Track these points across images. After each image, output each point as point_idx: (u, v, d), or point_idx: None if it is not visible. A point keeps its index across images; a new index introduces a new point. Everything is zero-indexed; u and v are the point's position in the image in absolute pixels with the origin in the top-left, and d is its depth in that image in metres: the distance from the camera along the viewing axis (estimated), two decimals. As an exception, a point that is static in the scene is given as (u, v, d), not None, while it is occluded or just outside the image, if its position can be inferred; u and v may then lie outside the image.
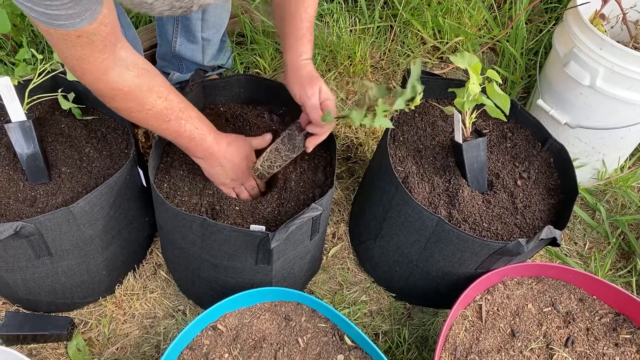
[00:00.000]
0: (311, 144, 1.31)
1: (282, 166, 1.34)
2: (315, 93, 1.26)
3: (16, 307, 1.48)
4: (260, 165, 1.32)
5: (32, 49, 1.40)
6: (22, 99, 1.33)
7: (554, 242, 1.29)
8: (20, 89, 1.36)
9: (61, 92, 1.41)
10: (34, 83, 1.37)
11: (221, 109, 1.50)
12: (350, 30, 2.09)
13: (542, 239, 1.24)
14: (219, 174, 1.30)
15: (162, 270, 1.58)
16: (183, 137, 1.21)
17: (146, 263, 1.60)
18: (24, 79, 1.42)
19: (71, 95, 1.42)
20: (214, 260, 1.30)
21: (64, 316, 1.47)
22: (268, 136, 1.38)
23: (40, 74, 1.37)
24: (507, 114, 1.33)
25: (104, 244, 1.37)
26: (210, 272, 1.35)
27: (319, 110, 1.26)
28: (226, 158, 1.27)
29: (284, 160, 1.33)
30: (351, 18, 2.13)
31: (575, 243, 1.80)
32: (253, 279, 1.35)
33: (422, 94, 1.20)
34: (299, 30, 1.28)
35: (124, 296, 1.53)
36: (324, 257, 1.67)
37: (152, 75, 1.13)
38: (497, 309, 1.37)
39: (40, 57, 1.35)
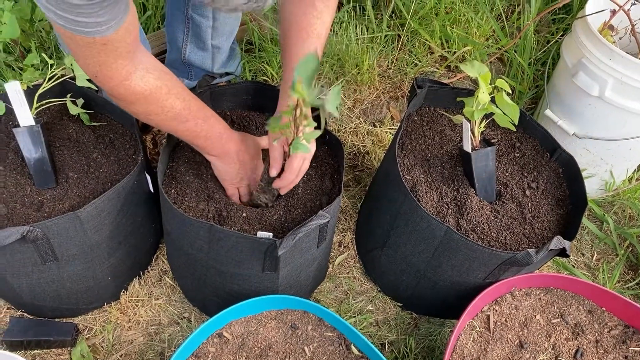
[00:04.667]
0: (283, 191, 1.34)
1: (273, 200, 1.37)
2: (296, 167, 1.27)
3: (20, 313, 1.47)
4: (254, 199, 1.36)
5: (42, 54, 1.40)
6: (30, 104, 1.33)
7: (562, 252, 1.28)
8: (29, 93, 1.36)
9: (70, 97, 1.41)
10: (43, 88, 1.38)
11: (227, 114, 1.50)
12: (358, 39, 2.09)
13: (551, 249, 1.23)
14: (231, 171, 1.30)
15: (168, 277, 1.58)
16: (200, 136, 1.22)
17: (151, 269, 1.59)
18: (32, 83, 1.42)
19: (80, 101, 1.43)
20: (221, 266, 1.29)
21: (69, 322, 1.46)
22: None
23: (49, 79, 1.37)
24: (517, 123, 1.32)
25: (110, 250, 1.37)
26: (217, 278, 1.34)
27: (279, 164, 1.29)
28: (239, 156, 1.28)
29: (271, 199, 1.36)
30: (359, 27, 2.13)
31: (583, 254, 1.79)
32: (259, 286, 1.34)
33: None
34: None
35: (129, 302, 1.52)
36: (330, 266, 1.66)
37: (170, 77, 1.14)
38: (505, 320, 1.36)
39: (50, 62, 1.35)
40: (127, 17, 0.97)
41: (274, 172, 1.29)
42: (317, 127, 1.08)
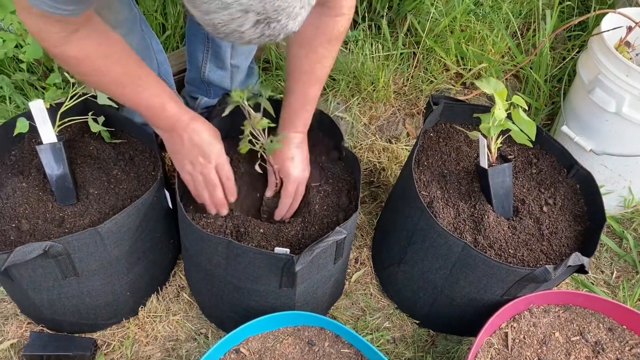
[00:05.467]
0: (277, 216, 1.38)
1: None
2: (292, 191, 1.35)
3: (40, 328, 1.49)
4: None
5: (65, 73, 1.43)
6: (53, 122, 1.36)
7: (581, 269, 1.27)
8: (52, 111, 1.38)
9: (91, 115, 1.44)
10: (66, 106, 1.40)
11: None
12: (374, 57, 2.11)
13: (569, 265, 1.23)
14: (177, 151, 1.26)
15: (185, 293, 1.59)
16: (141, 105, 1.21)
17: (169, 285, 1.60)
18: (55, 102, 1.45)
19: (101, 119, 1.45)
20: (238, 282, 1.30)
21: (88, 337, 1.48)
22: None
23: (72, 98, 1.39)
24: (533, 139, 1.33)
25: (129, 265, 1.38)
26: (234, 294, 1.35)
27: (287, 206, 1.36)
28: (187, 133, 1.22)
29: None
30: (375, 45, 2.15)
31: (602, 271, 1.77)
32: (276, 302, 1.34)
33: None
34: (311, 96, 1.33)
35: (147, 318, 1.53)
36: (347, 282, 1.66)
37: (112, 43, 1.14)
38: (524, 337, 1.35)
39: (73, 81, 1.38)
40: (91, 6, 1.01)
41: (269, 193, 1.39)
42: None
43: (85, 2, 1.00)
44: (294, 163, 1.34)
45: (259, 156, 1.35)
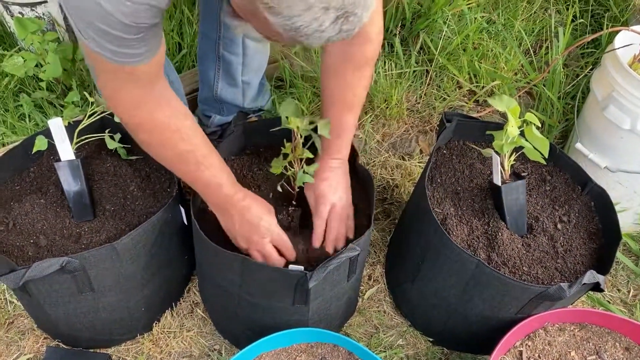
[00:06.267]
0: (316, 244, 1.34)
1: None
2: (324, 212, 1.32)
3: (56, 343, 1.50)
4: None
5: (85, 92, 1.46)
6: (71, 139, 1.38)
7: (596, 287, 1.26)
8: (70, 129, 1.41)
9: (108, 132, 1.46)
10: (83, 124, 1.43)
11: (261, 150, 1.53)
12: (387, 75, 2.13)
13: (584, 283, 1.22)
14: (230, 229, 1.28)
15: (199, 309, 1.60)
16: (199, 182, 1.23)
17: (183, 301, 1.61)
18: (73, 120, 1.48)
19: (117, 136, 1.47)
20: (252, 299, 1.30)
21: (103, 352, 1.49)
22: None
23: (90, 116, 1.42)
24: (547, 157, 1.33)
25: (144, 281, 1.40)
26: (248, 311, 1.36)
27: (322, 230, 1.33)
28: (238, 210, 1.25)
29: None
30: (388, 63, 2.17)
31: (619, 290, 1.75)
32: (290, 319, 1.35)
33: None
34: (345, 123, 1.33)
35: (161, 334, 1.54)
36: (360, 300, 1.66)
37: (182, 118, 1.16)
38: (539, 356, 1.33)
39: (91, 99, 1.40)
40: (160, 49, 1.01)
41: (315, 244, 1.34)
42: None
43: (152, 42, 0.99)
44: (327, 184, 1.34)
45: (284, 178, 1.37)
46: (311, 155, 1.33)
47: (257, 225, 1.25)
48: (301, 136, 1.29)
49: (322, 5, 0.75)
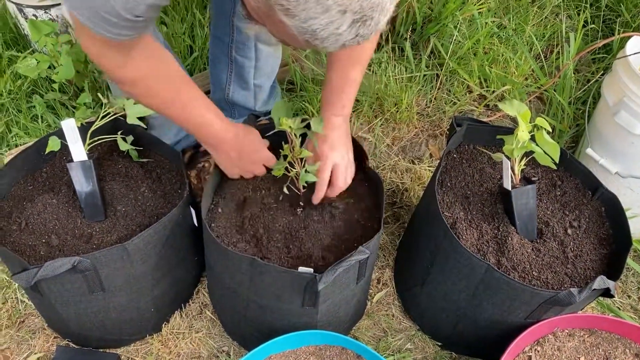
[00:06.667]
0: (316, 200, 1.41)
1: None
2: (325, 173, 1.37)
3: (66, 342, 1.51)
4: None
5: (98, 94, 1.47)
6: (83, 140, 1.39)
7: (607, 293, 1.26)
8: (82, 130, 1.42)
9: (120, 134, 1.47)
10: (96, 125, 1.44)
11: (272, 152, 1.53)
12: (397, 79, 2.13)
13: (594, 289, 1.21)
14: (226, 162, 1.37)
15: (208, 310, 1.60)
16: (190, 122, 1.29)
17: (192, 302, 1.62)
18: (85, 121, 1.49)
19: (129, 138, 1.48)
20: (261, 300, 1.31)
21: (112, 352, 1.50)
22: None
23: (103, 117, 1.43)
24: (557, 161, 1.32)
25: (154, 282, 1.40)
26: (257, 312, 1.36)
27: (323, 190, 1.38)
28: (234, 148, 1.34)
29: None
30: (398, 67, 2.17)
31: (629, 296, 1.74)
32: (298, 321, 1.35)
33: None
34: (350, 77, 1.34)
35: (170, 335, 1.55)
36: (369, 303, 1.66)
37: (167, 64, 1.21)
38: (548, 361, 1.33)
39: (105, 101, 1.42)
40: (148, 31, 1.07)
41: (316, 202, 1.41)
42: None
43: (143, 29, 1.06)
44: (328, 145, 1.37)
45: (289, 180, 1.38)
46: (310, 154, 1.35)
47: (253, 157, 1.38)
48: (297, 136, 1.30)
49: (340, 8, 0.74)
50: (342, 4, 0.74)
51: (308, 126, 1.34)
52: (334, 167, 1.37)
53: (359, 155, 1.49)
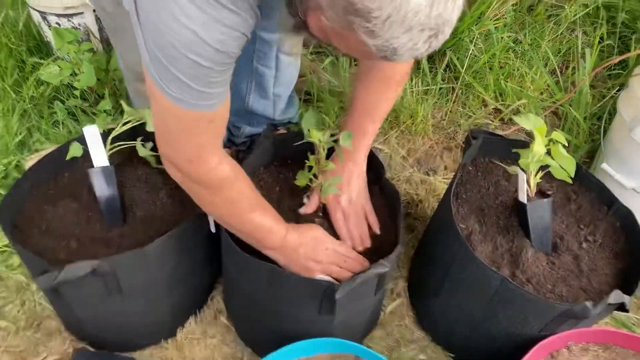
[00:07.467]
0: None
1: None
2: (337, 218, 1.39)
3: (83, 345, 1.53)
4: None
5: (121, 101, 1.50)
6: (104, 146, 1.42)
7: (622, 307, 1.26)
8: (103, 136, 1.44)
9: (140, 140, 1.50)
10: (117, 132, 1.46)
11: (289, 162, 1.55)
12: (413, 91, 2.15)
13: (609, 303, 1.22)
14: (294, 264, 1.28)
15: (223, 317, 1.62)
16: (260, 229, 1.24)
17: (207, 308, 1.63)
18: (107, 127, 1.52)
19: (149, 145, 1.51)
20: (278, 307, 1.32)
21: (128, 356, 1.51)
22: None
23: (124, 124, 1.45)
24: (573, 176, 1.33)
25: (170, 287, 1.42)
26: (272, 319, 1.37)
27: (344, 235, 1.39)
28: (298, 242, 1.28)
29: None
30: (414, 80, 2.19)
31: (644, 312, 1.74)
32: (314, 329, 1.36)
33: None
34: (365, 129, 1.39)
35: (185, 340, 1.56)
36: (382, 313, 1.66)
37: (239, 171, 1.20)
38: (562, 375, 1.33)
39: (126, 108, 1.44)
40: (228, 90, 1.03)
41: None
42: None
43: (227, 78, 1.00)
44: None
45: (309, 190, 1.40)
46: (335, 167, 1.37)
47: (315, 243, 1.29)
48: (324, 149, 1.32)
49: (420, 27, 0.77)
50: (422, 23, 0.77)
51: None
52: (342, 211, 1.40)
53: (376, 167, 1.50)
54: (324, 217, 1.42)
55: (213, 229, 1.46)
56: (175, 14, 0.86)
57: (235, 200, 1.20)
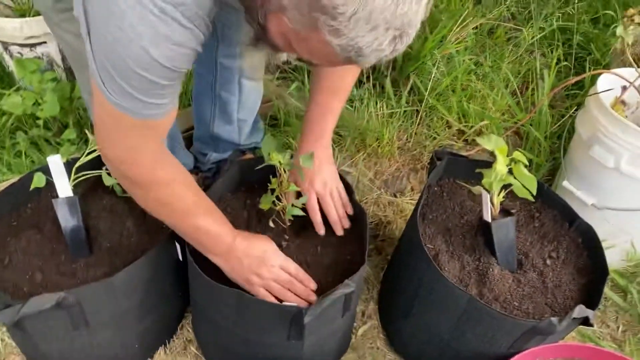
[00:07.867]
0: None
1: None
2: (312, 203, 1.42)
3: (48, 380, 1.49)
4: None
5: (86, 130, 1.49)
6: (68, 176, 1.40)
7: (586, 322, 1.28)
8: (67, 166, 1.42)
9: (105, 169, 1.48)
10: (81, 161, 1.45)
11: (256, 186, 1.56)
12: (378, 114, 2.18)
13: (574, 318, 1.24)
14: (237, 271, 1.28)
15: (193, 346, 1.59)
16: (204, 234, 1.25)
17: (177, 338, 1.61)
18: (71, 157, 1.50)
19: (114, 173, 1.49)
20: (246, 334, 1.31)
21: (95, 390, 1.47)
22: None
23: (89, 153, 1.44)
24: (535, 194, 1.36)
25: (139, 317, 1.40)
26: (241, 347, 1.36)
27: (319, 219, 1.43)
28: (243, 253, 1.26)
29: None
30: (379, 103, 2.22)
31: (608, 326, 1.77)
32: (284, 355, 1.35)
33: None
34: (330, 105, 1.41)
35: (154, 371, 1.54)
36: (353, 336, 1.66)
37: (184, 169, 1.20)
38: (531, 392, 1.34)
39: (91, 137, 1.43)
40: (177, 101, 1.03)
41: (321, 232, 1.45)
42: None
43: (176, 89, 1.00)
44: (308, 175, 1.42)
45: (274, 213, 1.40)
46: (297, 189, 1.39)
47: (262, 257, 1.27)
48: (285, 171, 1.33)
49: (385, 26, 0.78)
50: (388, 21, 0.77)
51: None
52: (318, 198, 1.42)
53: (344, 189, 1.52)
54: (289, 240, 1.42)
55: (180, 257, 1.45)
56: (124, 29, 0.86)
57: (165, 202, 1.19)
